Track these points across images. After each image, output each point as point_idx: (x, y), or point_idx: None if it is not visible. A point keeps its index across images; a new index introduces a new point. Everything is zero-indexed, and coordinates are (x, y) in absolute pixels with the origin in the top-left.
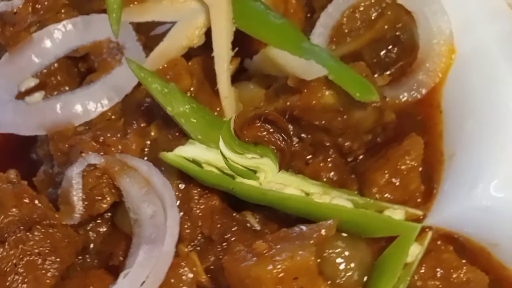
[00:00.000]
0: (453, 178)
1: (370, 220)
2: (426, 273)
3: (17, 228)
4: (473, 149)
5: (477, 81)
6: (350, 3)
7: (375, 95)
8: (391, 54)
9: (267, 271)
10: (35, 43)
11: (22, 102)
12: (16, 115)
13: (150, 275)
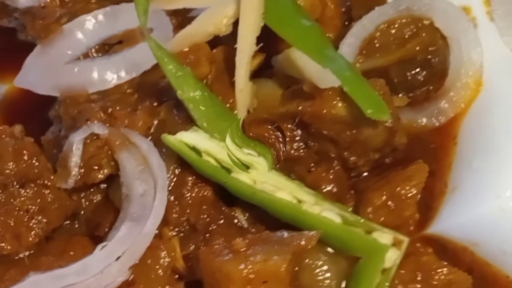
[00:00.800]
0: (452, 210)
1: (355, 239)
2: (406, 277)
3: (11, 183)
4: (479, 184)
5: (498, 118)
6: (385, 18)
7: (387, 115)
8: (418, 76)
9: (238, 270)
10: (66, 34)
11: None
12: (35, 72)
13: (127, 252)
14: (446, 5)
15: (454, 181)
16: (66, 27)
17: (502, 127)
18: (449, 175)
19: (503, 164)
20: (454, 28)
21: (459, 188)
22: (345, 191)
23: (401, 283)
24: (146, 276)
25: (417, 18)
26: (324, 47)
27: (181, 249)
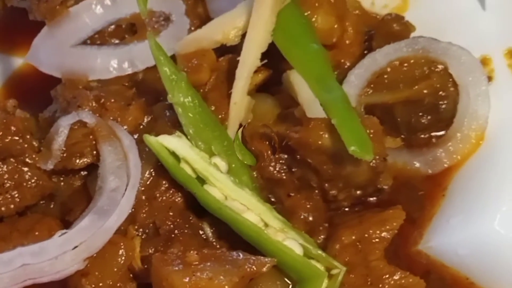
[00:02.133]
0: None
1: (310, 273)
2: (356, 282)
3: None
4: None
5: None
6: (399, 55)
7: (370, 154)
8: (423, 120)
9: (182, 282)
10: (72, 17)
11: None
12: (43, 51)
13: (84, 243)
14: (462, 53)
15: (430, 234)
16: (73, 10)
17: (492, 190)
18: (428, 228)
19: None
20: (466, 77)
21: (432, 242)
22: (320, 223)
23: (342, 256)
24: (101, 269)
25: (432, 60)
26: (324, 74)
27: (141, 250)
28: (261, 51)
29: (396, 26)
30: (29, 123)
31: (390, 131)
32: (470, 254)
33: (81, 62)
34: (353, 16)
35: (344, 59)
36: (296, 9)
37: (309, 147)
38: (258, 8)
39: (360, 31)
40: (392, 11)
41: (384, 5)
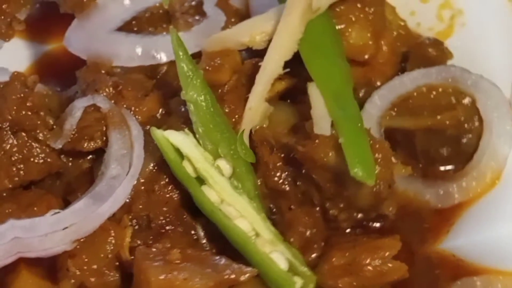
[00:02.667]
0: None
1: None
2: (336, 271)
3: (6, 127)
4: None
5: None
6: (428, 81)
7: (371, 179)
8: (443, 151)
9: (158, 279)
10: (100, 9)
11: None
12: (75, 31)
13: (75, 225)
14: (492, 88)
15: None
16: (100, 2)
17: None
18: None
19: None
20: (492, 114)
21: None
22: (316, 240)
23: (331, 277)
24: (88, 253)
25: (460, 91)
26: (342, 91)
27: (131, 240)
28: (285, 59)
29: (432, 51)
30: (50, 100)
31: (408, 158)
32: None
33: (107, 47)
34: (390, 35)
35: (375, 77)
36: (327, 21)
37: (314, 163)
38: (286, 15)
39: (397, 51)
40: (436, 35)
41: (430, 27)
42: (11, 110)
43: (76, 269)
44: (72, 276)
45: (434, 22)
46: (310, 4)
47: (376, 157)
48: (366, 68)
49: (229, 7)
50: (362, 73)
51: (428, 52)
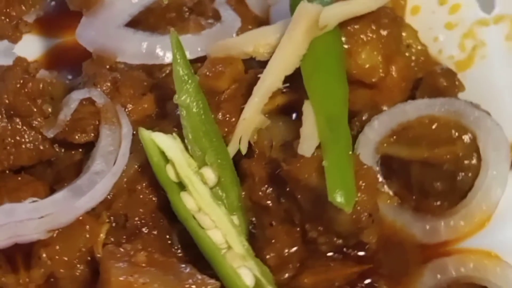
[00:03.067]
0: None
1: None
2: None
3: (2, 111)
4: None
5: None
6: (430, 112)
7: (348, 207)
8: (437, 186)
9: (117, 280)
10: (106, 6)
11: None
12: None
13: (50, 215)
14: (494, 127)
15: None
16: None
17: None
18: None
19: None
20: (490, 154)
21: None
22: (292, 260)
23: None
24: (62, 244)
25: (462, 126)
26: (335, 113)
27: (105, 237)
28: (286, 73)
29: (443, 81)
30: (54, 88)
31: (402, 188)
32: None
33: (113, 41)
34: (403, 59)
35: (381, 102)
36: (334, 40)
37: (297, 182)
38: (291, 30)
39: (408, 77)
40: (455, 64)
41: (450, 56)
42: (8, 94)
43: (48, 259)
44: (43, 265)
45: (456, 51)
46: (317, 20)
47: (360, 184)
48: (374, 91)
49: (248, 13)
50: (368, 96)
51: (439, 82)
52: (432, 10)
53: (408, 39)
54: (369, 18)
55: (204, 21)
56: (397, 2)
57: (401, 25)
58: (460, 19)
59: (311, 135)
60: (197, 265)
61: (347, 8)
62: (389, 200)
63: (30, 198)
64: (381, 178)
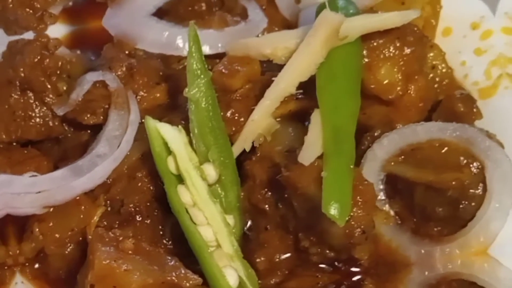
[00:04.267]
0: None
1: None
2: None
3: (17, 84)
4: None
5: None
6: (441, 136)
7: (341, 220)
8: (439, 211)
9: (101, 263)
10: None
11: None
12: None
13: (47, 192)
14: (504, 160)
15: None
16: None
17: None
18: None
19: None
20: (495, 185)
21: None
22: (282, 266)
23: None
24: (56, 221)
25: (472, 154)
26: (343, 126)
27: (99, 220)
28: (300, 79)
29: (461, 107)
30: (74, 66)
31: (404, 209)
32: None
33: (135, 28)
34: (423, 80)
35: (397, 120)
36: (353, 52)
37: (295, 189)
38: (310, 37)
39: (427, 98)
40: (479, 91)
41: (475, 81)
42: (25, 68)
43: (40, 234)
44: (35, 239)
45: (481, 78)
46: (337, 30)
47: (357, 199)
48: (390, 108)
49: (278, 15)
50: (384, 113)
51: (457, 107)
52: (463, 33)
53: (434, 60)
54: (394, 34)
55: (230, 18)
56: (428, 22)
57: (427, 45)
58: (490, 46)
59: (314, 144)
60: (185, 260)
61: (370, 21)
62: (385, 219)
63: (29, 172)
64: (384, 196)
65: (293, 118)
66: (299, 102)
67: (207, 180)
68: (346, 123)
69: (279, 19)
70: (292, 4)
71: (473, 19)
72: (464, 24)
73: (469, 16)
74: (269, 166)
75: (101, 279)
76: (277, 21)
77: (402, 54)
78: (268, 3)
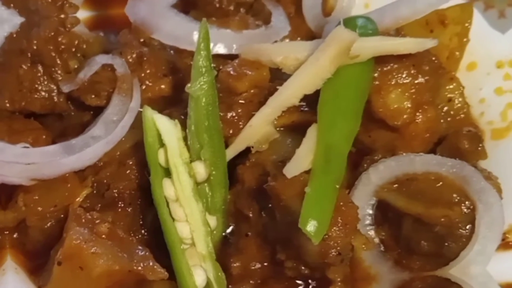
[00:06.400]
0: None
1: None
2: None
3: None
4: None
5: None
6: (438, 170)
7: (316, 238)
8: (423, 245)
9: (71, 242)
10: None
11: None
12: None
13: (36, 164)
14: (495, 205)
15: None
16: None
17: None
18: None
19: None
20: (482, 229)
21: None
22: (255, 275)
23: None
24: (41, 195)
25: (465, 193)
26: (337, 145)
27: (83, 201)
28: (305, 92)
29: (466, 144)
30: (91, 46)
31: (390, 238)
32: None
33: (154, 17)
34: (433, 111)
35: (400, 147)
36: (363, 73)
37: (279, 201)
38: (320, 51)
39: (434, 129)
40: (492, 131)
41: (490, 121)
42: (38, 41)
43: (23, 205)
44: (17, 209)
45: (497, 118)
46: (348, 48)
47: (337, 220)
48: (396, 135)
49: (303, 26)
50: (389, 138)
51: (462, 144)
52: (488, 71)
53: (452, 93)
54: (410, 60)
55: (252, 21)
56: (453, 53)
57: (446, 77)
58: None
59: (303, 158)
60: (158, 253)
61: (383, 44)
62: (364, 245)
63: (23, 143)
64: (371, 221)
65: (295, 129)
66: (303, 114)
67: (196, 178)
68: (341, 142)
69: (305, 29)
70: (319, 16)
71: (499, 57)
72: (490, 61)
73: (496, 54)
74: (260, 173)
75: (69, 257)
76: (301, 31)
77: (415, 82)
78: (296, 12)
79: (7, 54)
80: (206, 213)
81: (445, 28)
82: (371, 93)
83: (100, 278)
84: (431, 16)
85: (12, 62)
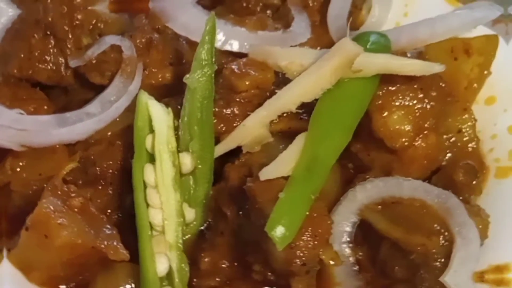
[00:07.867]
0: None
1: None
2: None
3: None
4: None
5: None
6: (424, 198)
7: (280, 244)
8: (397, 271)
9: (41, 211)
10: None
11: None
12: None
13: (28, 131)
14: (473, 241)
15: None
16: None
17: None
18: None
19: None
20: (455, 263)
21: None
22: (221, 274)
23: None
24: (28, 161)
25: (446, 225)
26: (323, 158)
27: (67, 174)
28: (303, 100)
29: (461, 176)
30: (109, 26)
31: (367, 259)
32: None
33: (172, 7)
34: (434, 138)
35: (397, 170)
36: (365, 90)
37: (255, 203)
38: (322, 61)
39: (433, 157)
40: (497, 169)
41: (497, 158)
42: (54, 14)
43: (10, 169)
44: (4, 172)
45: (504, 156)
46: (351, 61)
47: (308, 230)
48: (394, 157)
49: (326, 36)
50: (387, 160)
51: (457, 175)
52: (505, 107)
53: (463, 124)
54: (419, 83)
55: (271, 23)
56: (471, 84)
57: (452, 105)
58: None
59: (283, 163)
60: (131, 237)
61: (389, 62)
62: (331, 260)
63: (18, 109)
64: (348, 239)
65: (290, 136)
66: (302, 122)
67: (181, 169)
68: (327, 155)
69: (327, 39)
70: (343, 28)
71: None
72: (509, 97)
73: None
74: (245, 174)
75: (36, 224)
76: (324, 41)
77: (420, 106)
78: (321, 21)
79: (23, 22)
80: (186, 204)
81: (469, 57)
82: (373, 110)
83: (62, 249)
84: (456, 43)
85: (26, 31)
